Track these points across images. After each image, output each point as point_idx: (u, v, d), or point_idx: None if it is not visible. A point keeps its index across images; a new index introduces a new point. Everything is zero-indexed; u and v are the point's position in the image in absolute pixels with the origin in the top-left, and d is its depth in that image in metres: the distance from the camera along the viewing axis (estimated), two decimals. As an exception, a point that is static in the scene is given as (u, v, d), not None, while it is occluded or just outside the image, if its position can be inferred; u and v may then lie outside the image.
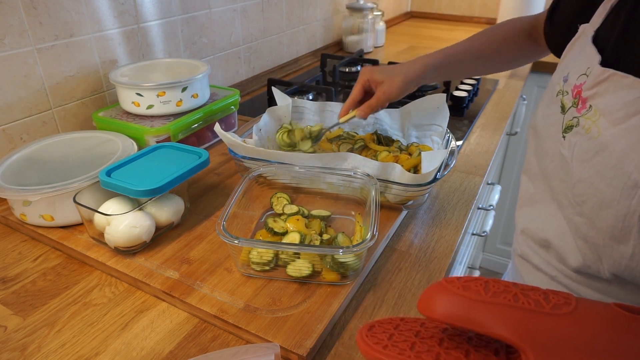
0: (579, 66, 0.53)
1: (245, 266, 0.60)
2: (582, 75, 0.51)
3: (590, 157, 0.49)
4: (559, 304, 0.32)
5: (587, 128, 0.49)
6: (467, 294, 0.33)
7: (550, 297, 0.33)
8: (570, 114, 0.53)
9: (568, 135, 0.52)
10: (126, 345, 0.53)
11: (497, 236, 2.16)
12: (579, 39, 0.56)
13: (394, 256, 0.67)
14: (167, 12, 1.05)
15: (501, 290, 0.33)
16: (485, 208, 1.23)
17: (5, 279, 0.62)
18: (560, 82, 0.56)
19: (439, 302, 0.33)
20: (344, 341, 0.53)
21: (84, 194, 0.65)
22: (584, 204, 0.50)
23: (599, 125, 0.48)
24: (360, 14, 1.74)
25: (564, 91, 0.54)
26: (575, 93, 0.52)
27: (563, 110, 0.54)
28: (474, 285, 0.34)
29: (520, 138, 1.84)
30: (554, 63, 1.80)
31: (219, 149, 0.97)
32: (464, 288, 0.33)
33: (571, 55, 0.57)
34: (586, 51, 0.52)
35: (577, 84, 0.52)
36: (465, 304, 0.32)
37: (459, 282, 0.34)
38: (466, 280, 0.34)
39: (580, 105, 0.51)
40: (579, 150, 0.50)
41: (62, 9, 0.82)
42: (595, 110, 0.49)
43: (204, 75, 0.91)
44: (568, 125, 0.52)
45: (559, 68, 0.58)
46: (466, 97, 1.23)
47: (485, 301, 0.32)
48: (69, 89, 0.88)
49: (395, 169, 0.68)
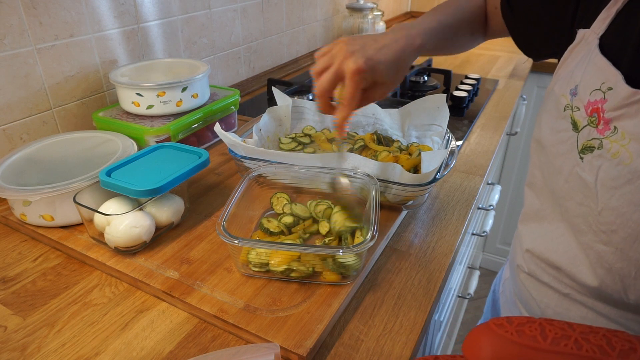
0: (589, 80, 0.49)
1: (245, 266, 0.60)
2: (596, 90, 0.48)
3: (621, 184, 0.46)
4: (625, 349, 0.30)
5: (614, 152, 0.46)
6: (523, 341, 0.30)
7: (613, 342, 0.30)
8: (587, 134, 0.49)
9: (588, 157, 0.49)
10: (126, 345, 0.53)
11: (497, 236, 2.16)
12: (579, 47, 0.53)
13: (394, 256, 0.67)
14: (167, 12, 1.05)
15: (560, 336, 0.30)
16: (485, 208, 1.23)
17: (5, 279, 0.62)
18: (566, 95, 0.52)
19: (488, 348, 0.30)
20: (344, 341, 0.53)
21: (84, 194, 0.65)
22: (614, 233, 0.47)
23: (629, 150, 0.45)
24: (360, 14, 1.74)
25: (573, 106, 0.51)
26: (590, 111, 0.48)
27: (575, 128, 0.50)
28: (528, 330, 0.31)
29: (520, 138, 1.84)
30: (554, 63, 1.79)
31: (219, 149, 0.97)
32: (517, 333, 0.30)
33: (573, 64, 0.53)
34: (595, 64, 0.48)
35: (590, 100, 0.48)
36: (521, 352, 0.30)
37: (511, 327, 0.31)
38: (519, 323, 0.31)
39: (603, 127, 0.47)
40: (606, 177, 0.47)
41: (62, 9, 0.83)
42: (623, 133, 0.45)
43: (204, 75, 0.91)
44: (586, 146, 0.49)
45: (560, 77, 0.55)
46: (466, 97, 1.23)
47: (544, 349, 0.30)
48: (69, 89, 0.88)
49: (395, 169, 0.68)
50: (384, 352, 0.51)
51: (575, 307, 0.55)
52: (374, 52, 0.58)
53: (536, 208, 0.59)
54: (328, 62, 0.59)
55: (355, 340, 0.53)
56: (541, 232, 0.58)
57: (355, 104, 0.58)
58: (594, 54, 0.49)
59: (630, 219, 0.45)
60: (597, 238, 0.49)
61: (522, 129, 1.79)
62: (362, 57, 0.56)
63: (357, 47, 0.58)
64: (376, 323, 0.55)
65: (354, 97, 0.57)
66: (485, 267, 2.27)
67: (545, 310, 0.59)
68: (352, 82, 0.56)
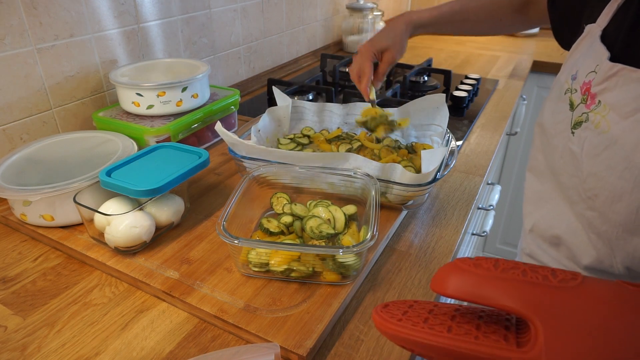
0: (587, 64, 0.53)
1: (245, 266, 0.60)
2: (591, 72, 0.52)
3: (600, 151, 0.49)
4: (566, 278, 0.33)
5: (596, 123, 0.50)
6: (478, 271, 0.34)
7: (557, 273, 0.34)
8: (579, 110, 0.53)
9: (577, 131, 0.52)
10: (126, 345, 0.53)
11: (497, 236, 2.16)
12: (586, 39, 0.56)
13: (394, 256, 0.67)
14: (167, 12, 1.05)
15: (510, 267, 0.34)
16: (485, 208, 1.23)
17: (5, 279, 0.62)
18: (568, 80, 0.56)
19: (451, 279, 0.35)
20: (344, 341, 0.53)
21: (84, 194, 0.65)
22: (596, 198, 0.50)
23: (608, 119, 0.48)
24: (360, 14, 1.74)
25: (572, 89, 0.55)
26: (584, 90, 0.52)
27: (572, 107, 0.54)
28: (484, 263, 0.35)
29: (520, 138, 1.84)
30: (554, 63, 1.79)
31: (219, 149, 0.97)
32: (474, 266, 0.35)
33: (578, 54, 0.57)
34: (594, 49, 0.52)
35: (586, 81, 0.52)
36: (476, 280, 0.34)
37: (471, 261, 0.35)
38: (477, 259, 0.35)
39: (590, 101, 0.51)
40: (589, 145, 0.50)
41: (62, 9, 0.83)
42: (605, 105, 0.49)
43: (204, 75, 0.91)
44: (577, 122, 0.53)
45: (566, 67, 0.59)
46: (466, 97, 1.23)
47: (494, 277, 0.34)
48: (69, 89, 0.88)
49: (396, 170, 0.68)
50: (384, 352, 0.51)
51: None
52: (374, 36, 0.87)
53: (538, 190, 0.62)
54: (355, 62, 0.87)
55: (355, 340, 0.53)
56: (544, 212, 0.61)
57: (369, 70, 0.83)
58: (595, 43, 0.53)
59: (608, 182, 0.49)
60: (585, 205, 0.53)
61: (522, 129, 1.79)
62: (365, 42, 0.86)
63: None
64: (376, 323, 0.55)
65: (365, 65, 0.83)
66: (485, 267, 2.27)
67: None
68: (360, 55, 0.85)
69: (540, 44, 1.91)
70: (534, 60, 1.69)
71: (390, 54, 0.84)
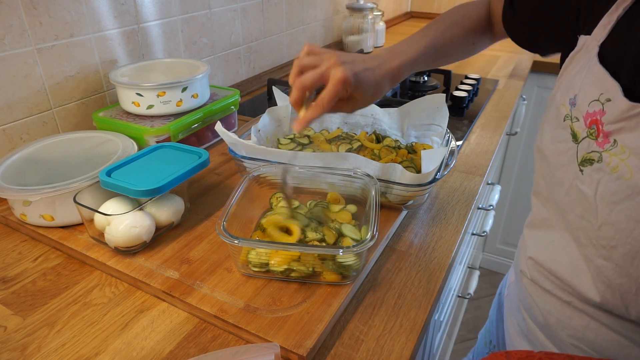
0: (588, 90, 0.48)
1: (245, 266, 0.60)
2: (595, 101, 0.47)
3: (620, 199, 0.45)
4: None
5: (613, 166, 0.45)
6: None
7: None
8: (586, 146, 0.48)
9: (587, 170, 0.48)
10: (126, 345, 0.53)
11: (497, 236, 2.16)
12: (580, 54, 0.52)
13: (394, 256, 0.67)
14: (167, 12, 1.05)
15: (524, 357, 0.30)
16: (485, 208, 1.23)
17: (5, 279, 0.62)
18: (566, 105, 0.51)
19: None
20: (344, 341, 0.53)
21: (84, 194, 0.65)
22: (613, 249, 0.46)
23: (629, 164, 0.44)
24: (360, 14, 1.74)
25: (572, 117, 0.50)
26: (589, 122, 0.47)
27: (575, 139, 0.49)
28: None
29: (520, 138, 1.84)
30: (554, 63, 1.79)
31: (219, 149, 0.97)
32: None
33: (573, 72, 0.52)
34: (594, 74, 0.47)
35: (589, 112, 0.47)
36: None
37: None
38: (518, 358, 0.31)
39: (602, 139, 0.46)
40: (606, 191, 0.46)
41: (62, 9, 0.83)
42: (622, 146, 0.44)
43: (204, 75, 0.91)
44: (586, 159, 0.48)
45: (562, 85, 0.54)
46: (466, 97, 1.23)
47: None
48: (69, 89, 0.88)
49: (396, 170, 0.68)
50: (384, 352, 0.51)
51: (577, 315, 0.54)
52: (361, 71, 0.61)
53: (544, 217, 0.58)
54: (316, 62, 0.61)
55: (355, 340, 0.53)
56: (547, 241, 0.57)
57: (328, 108, 0.60)
58: (592, 63, 0.48)
59: (630, 236, 0.45)
60: (597, 252, 0.49)
61: (522, 129, 1.79)
62: (350, 71, 0.59)
63: (347, 60, 0.61)
64: (376, 323, 0.55)
65: (330, 102, 0.60)
66: (485, 267, 2.27)
67: (548, 317, 0.58)
68: (335, 88, 0.59)
69: (540, 44, 1.91)
70: (534, 60, 1.69)
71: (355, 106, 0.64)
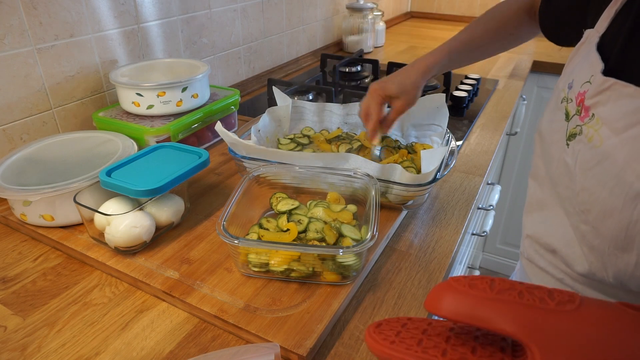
0: (583, 74, 0.52)
1: (245, 266, 0.60)
2: (586, 83, 0.51)
3: (592, 165, 0.49)
4: (563, 301, 0.32)
5: (589, 137, 0.49)
6: (473, 292, 0.33)
7: (554, 295, 0.33)
8: (573, 122, 0.52)
9: (571, 143, 0.52)
10: (126, 345, 0.53)
11: (497, 236, 2.16)
12: (584, 45, 0.55)
13: (394, 256, 0.67)
14: (167, 12, 1.05)
15: (506, 288, 0.33)
16: (485, 208, 1.23)
17: (5, 279, 0.62)
18: (565, 89, 0.56)
19: (446, 300, 0.34)
20: (344, 341, 0.53)
21: (84, 194, 0.65)
22: (588, 212, 0.50)
23: (600, 134, 0.48)
24: (360, 14, 1.74)
25: (568, 98, 0.54)
26: (578, 101, 0.52)
27: (567, 118, 0.54)
28: (479, 283, 0.34)
29: (520, 138, 1.84)
30: (554, 63, 1.79)
31: (219, 149, 0.97)
32: (470, 286, 0.34)
33: (576, 61, 0.56)
34: (590, 58, 0.52)
35: (580, 92, 0.52)
36: (471, 301, 0.33)
37: (465, 281, 0.34)
38: (472, 278, 0.35)
39: (583, 114, 0.51)
40: (582, 159, 0.50)
41: (62, 9, 0.83)
42: (598, 119, 0.49)
43: (204, 75, 0.91)
44: (572, 133, 0.52)
45: (565, 73, 0.58)
46: (466, 97, 1.23)
47: (490, 298, 0.33)
48: (69, 89, 0.88)
49: (395, 170, 0.68)
50: (384, 352, 0.51)
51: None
52: (389, 77, 0.79)
53: (538, 197, 0.62)
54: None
55: (355, 340, 0.53)
56: (542, 219, 0.61)
57: (376, 115, 0.77)
58: (591, 52, 0.52)
59: (599, 197, 0.48)
60: (579, 218, 0.53)
61: (522, 129, 1.79)
62: (376, 82, 0.79)
63: (382, 78, 0.80)
64: (376, 323, 0.55)
65: (373, 109, 0.77)
66: (485, 267, 2.27)
67: None
68: (369, 96, 0.78)
69: (540, 44, 1.91)
70: (534, 60, 1.69)
71: (400, 104, 0.77)
